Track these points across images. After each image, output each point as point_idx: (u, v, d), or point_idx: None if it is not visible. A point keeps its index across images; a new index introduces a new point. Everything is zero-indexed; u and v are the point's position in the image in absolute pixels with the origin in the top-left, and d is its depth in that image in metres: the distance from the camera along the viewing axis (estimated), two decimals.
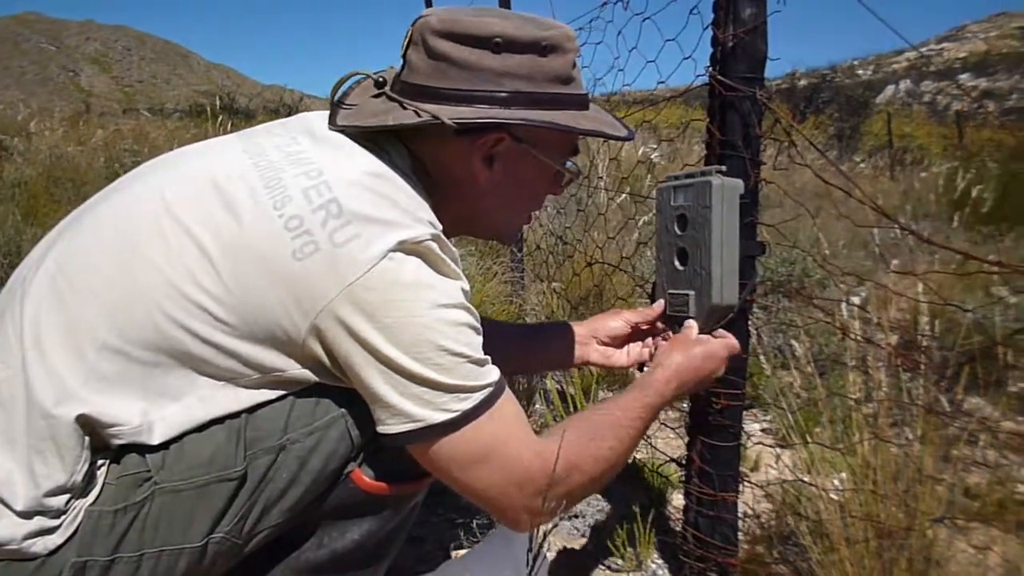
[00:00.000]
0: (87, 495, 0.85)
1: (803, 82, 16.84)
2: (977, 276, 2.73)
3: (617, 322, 1.38)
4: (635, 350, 1.38)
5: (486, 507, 0.98)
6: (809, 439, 1.45)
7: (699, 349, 1.16)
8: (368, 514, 1.00)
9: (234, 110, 11.43)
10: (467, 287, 0.94)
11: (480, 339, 0.93)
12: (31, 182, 4.93)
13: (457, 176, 1.03)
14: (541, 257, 3.38)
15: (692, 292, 1.21)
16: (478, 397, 0.90)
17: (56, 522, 0.83)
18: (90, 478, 0.85)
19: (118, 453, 0.87)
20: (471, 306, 0.93)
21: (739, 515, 1.37)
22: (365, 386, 0.88)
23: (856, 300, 2.01)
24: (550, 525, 1.61)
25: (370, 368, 0.86)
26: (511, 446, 0.93)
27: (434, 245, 0.90)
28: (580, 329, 1.41)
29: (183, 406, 0.88)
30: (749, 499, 1.62)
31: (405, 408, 0.87)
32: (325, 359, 0.89)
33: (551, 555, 1.58)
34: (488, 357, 0.94)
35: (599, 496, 1.76)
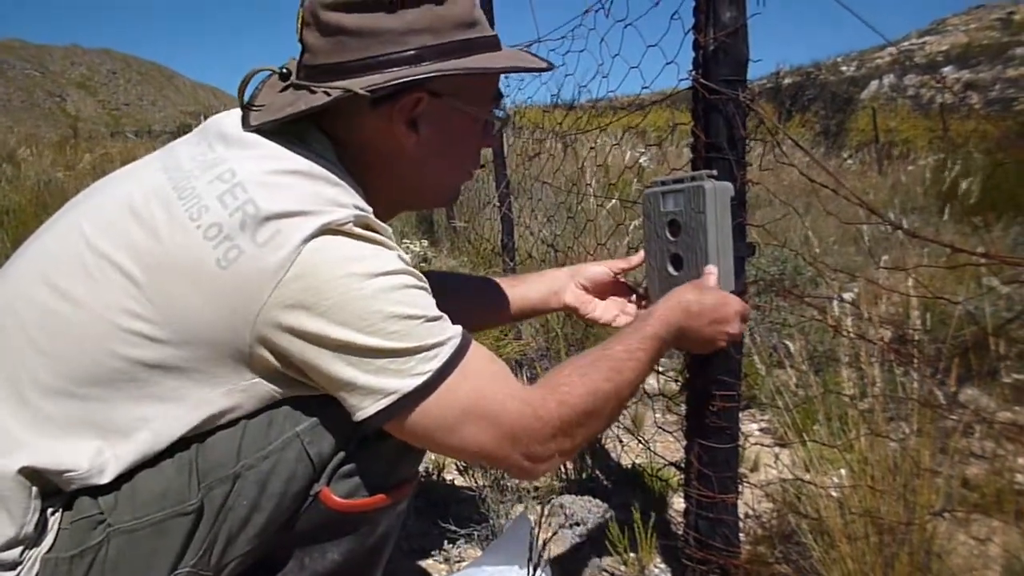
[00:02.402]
0: (41, 543, 0.83)
1: (788, 80, 16.93)
2: (967, 268, 2.74)
3: (600, 267, 1.37)
4: (611, 309, 1.36)
5: (489, 465, 0.96)
6: (806, 437, 1.46)
7: (713, 293, 1.14)
8: (346, 533, 0.98)
9: None
10: (405, 257, 0.91)
11: (431, 299, 0.90)
12: (19, 209, 4.91)
13: (384, 149, 1.00)
14: (533, 265, 3.38)
15: None
16: (445, 354, 0.88)
17: (12, 574, 0.81)
18: (43, 526, 0.84)
19: (71, 497, 0.86)
20: (414, 270, 0.90)
21: (740, 516, 1.37)
22: (328, 377, 0.86)
23: (848, 296, 2.02)
24: (551, 533, 1.61)
25: (327, 357, 0.84)
26: (493, 398, 0.91)
27: (357, 227, 0.87)
28: (560, 272, 1.40)
29: (135, 441, 0.85)
30: (749, 499, 1.62)
31: (374, 384, 0.85)
32: (278, 365, 0.87)
33: (553, 563, 1.58)
34: (444, 315, 0.91)
35: (599, 502, 1.76)
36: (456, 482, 1.96)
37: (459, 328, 0.92)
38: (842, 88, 17.19)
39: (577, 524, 1.70)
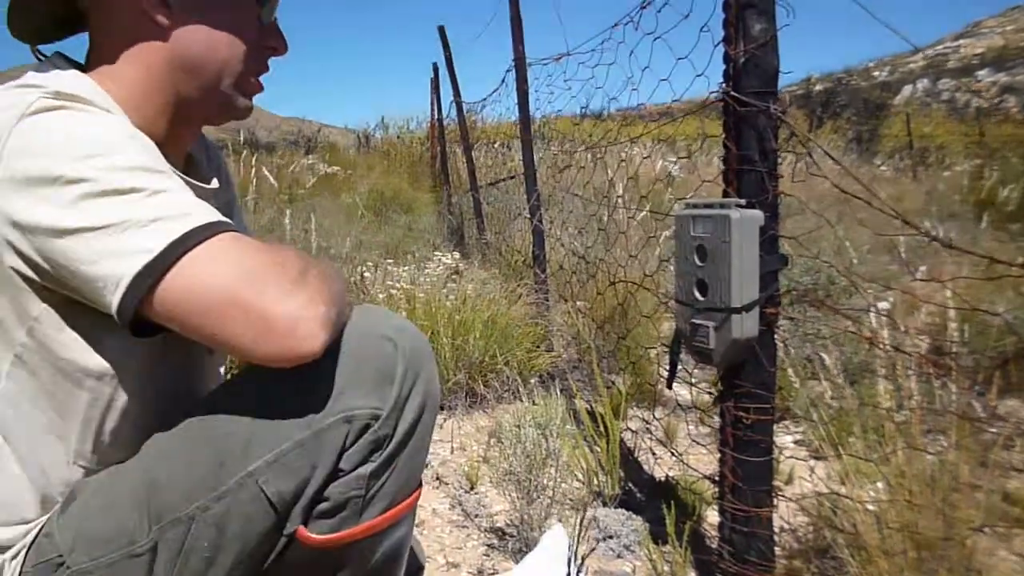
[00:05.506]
0: None
1: (819, 87, 16.79)
2: (1006, 278, 2.69)
3: None
4: None
5: (246, 336, 0.75)
6: (842, 450, 1.44)
7: None
8: (340, 567, 0.93)
9: (256, 144, 11.57)
10: (130, 125, 0.84)
11: (162, 164, 0.82)
12: None
13: (136, 31, 0.90)
14: (564, 277, 3.38)
15: (712, 324, 1.21)
16: (179, 230, 0.75)
17: None
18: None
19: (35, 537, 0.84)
20: (138, 133, 0.83)
21: (775, 530, 1.36)
22: (69, 274, 0.75)
23: (883, 306, 2.00)
24: (587, 547, 1.61)
25: (54, 250, 0.75)
26: (243, 264, 0.76)
27: (56, 100, 0.78)
28: None
29: None
30: (784, 513, 1.61)
31: (105, 271, 0.74)
32: (30, 272, 0.78)
33: None
34: (184, 189, 0.80)
35: (632, 515, 1.76)
36: (490, 494, 1.97)
37: (205, 210, 0.79)
38: (874, 94, 17.02)
39: (610, 537, 1.70)
